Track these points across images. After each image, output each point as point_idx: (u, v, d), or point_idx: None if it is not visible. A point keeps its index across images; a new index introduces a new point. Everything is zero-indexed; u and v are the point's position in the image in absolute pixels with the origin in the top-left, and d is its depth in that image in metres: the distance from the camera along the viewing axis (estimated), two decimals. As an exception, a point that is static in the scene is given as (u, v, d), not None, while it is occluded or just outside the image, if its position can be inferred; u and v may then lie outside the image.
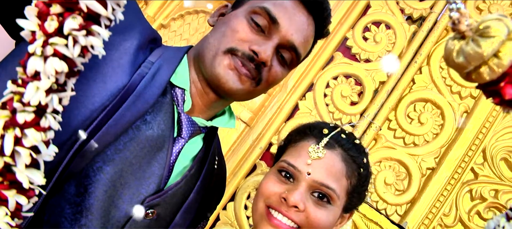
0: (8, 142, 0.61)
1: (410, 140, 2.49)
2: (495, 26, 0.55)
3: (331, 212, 1.04)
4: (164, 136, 1.03)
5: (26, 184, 0.63)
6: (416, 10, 2.70)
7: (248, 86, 1.11)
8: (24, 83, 0.62)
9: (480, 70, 0.57)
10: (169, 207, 1.06)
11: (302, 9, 1.13)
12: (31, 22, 0.62)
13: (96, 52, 0.66)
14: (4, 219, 0.62)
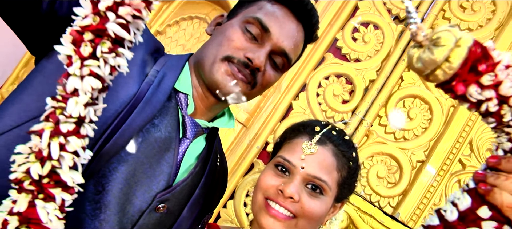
0: (54, 149, 0.71)
1: (400, 135, 2.56)
2: (445, 36, 0.65)
3: (323, 202, 1.13)
4: (171, 137, 1.12)
5: (70, 183, 0.74)
6: (402, 10, 2.77)
7: (244, 90, 1.20)
8: (64, 99, 0.72)
9: (436, 72, 0.66)
10: (178, 202, 1.15)
11: (292, 17, 1.23)
12: (67, 48, 0.72)
13: (122, 70, 0.76)
14: (54, 213, 0.72)
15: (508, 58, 0.64)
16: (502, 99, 0.66)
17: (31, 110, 0.94)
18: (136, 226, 1.07)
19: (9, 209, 0.71)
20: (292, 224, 1.11)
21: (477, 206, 0.69)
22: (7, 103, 0.99)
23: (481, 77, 0.64)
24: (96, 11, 0.70)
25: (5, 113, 0.96)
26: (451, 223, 0.70)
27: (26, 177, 0.72)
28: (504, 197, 0.66)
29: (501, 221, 0.67)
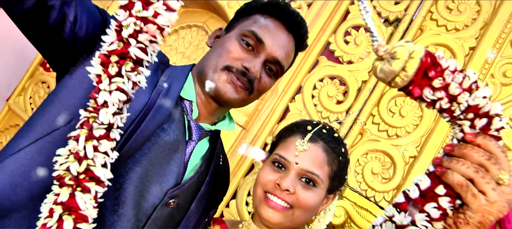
0: (89, 150, 0.86)
1: (392, 132, 2.66)
2: (400, 50, 0.78)
3: (316, 193, 1.25)
4: (179, 140, 1.25)
5: (102, 178, 0.90)
6: (392, 13, 2.89)
7: (243, 96, 1.33)
8: (96, 109, 0.86)
9: (395, 80, 0.79)
10: (186, 197, 1.28)
11: (283, 29, 1.36)
12: (97, 68, 0.87)
13: (141, 85, 0.91)
14: (90, 202, 0.88)
15: (454, 64, 0.77)
16: (451, 98, 0.78)
17: (59, 120, 1.07)
18: (150, 220, 1.19)
19: (54, 200, 0.87)
20: (289, 214, 1.24)
21: (435, 186, 0.82)
22: (38, 114, 1.12)
23: (432, 81, 0.77)
24: (120, 38, 0.86)
25: (36, 123, 1.09)
26: (414, 200, 0.83)
27: (67, 174, 0.87)
28: (455, 177, 0.79)
29: (454, 197, 0.80)
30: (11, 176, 1.04)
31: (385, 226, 0.86)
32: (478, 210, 0.78)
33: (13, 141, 1.10)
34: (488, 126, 0.80)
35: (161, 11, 0.85)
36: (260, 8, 1.38)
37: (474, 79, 0.78)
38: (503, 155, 0.79)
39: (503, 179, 0.77)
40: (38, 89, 3.68)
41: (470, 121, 0.81)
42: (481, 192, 0.78)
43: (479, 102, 0.78)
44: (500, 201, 0.77)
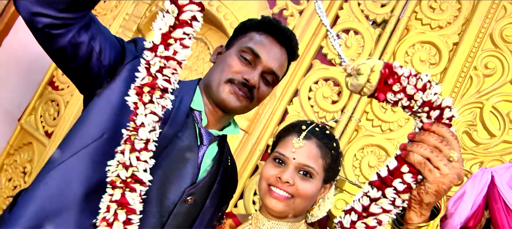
0: (133, 160, 1.09)
1: (386, 127, 2.85)
2: (363, 67, 0.97)
3: (313, 184, 1.44)
4: (192, 145, 1.43)
5: (145, 180, 1.13)
6: (379, 15, 3.09)
7: (245, 104, 1.52)
8: (136, 129, 1.09)
9: (363, 90, 0.98)
10: (201, 195, 1.46)
11: (276, 43, 1.54)
12: (134, 98, 1.10)
13: (168, 107, 1.14)
14: (136, 199, 1.12)
15: (408, 71, 0.96)
16: (409, 97, 0.98)
17: (93, 135, 1.27)
18: (171, 215, 1.39)
19: (109, 199, 1.11)
20: (291, 202, 1.42)
21: (401, 166, 1.01)
22: (74, 131, 1.31)
23: (392, 87, 0.96)
24: (149, 74, 1.08)
25: (75, 138, 1.29)
26: (384, 178, 1.03)
27: (117, 179, 1.11)
28: (415, 157, 0.98)
29: (415, 173, 0.99)
30: (58, 184, 1.24)
31: (362, 200, 1.06)
32: (434, 182, 0.97)
33: (55, 155, 1.29)
34: (440, 116, 0.99)
35: (178, 50, 1.06)
36: (255, 26, 1.57)
37: (426, 80, 0.97)
38: (453, 138, 0.98)
39: (453, 156, 0.96)
40: (48, 108, 3.86)
41: (426, 114, 1.00)
42: (436, 167, 0.97)
43: (431, 98, 0.97)
44: (451, 173, 0.96)
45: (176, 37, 1.07)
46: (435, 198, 0.99)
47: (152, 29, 1.09)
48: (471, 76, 2.76)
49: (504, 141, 2.60)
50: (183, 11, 1.05)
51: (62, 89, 3.85)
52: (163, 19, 1.07)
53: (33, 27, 1.16)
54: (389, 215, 1.04)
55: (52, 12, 1.12)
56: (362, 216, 1.07)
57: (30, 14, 1.13)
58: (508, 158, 2.56)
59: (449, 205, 2.57)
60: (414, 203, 1.02)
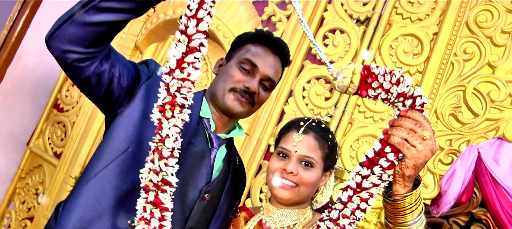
0: (162, 166, 1.28)
1: (377, 117, 3.04)
2: (346, 71, 1.16)
3: (314, 172, 1.62)
4: (204, 149, 1.62)
5: (173, 182, 1.31)
6: (362, 13, 3.29)
7: (247, 109, 1.71)
8: (161, 140, 1.27)
9: (348, 90, 1.17)
10: (216, 192, 1.65)
11: (270, 53, 1.73)
12: (158, 115, 1.28)
13: (186, 120, 1.32)
14: (168, 198, 1.31)
15: (383, 70, 1.15)
16: (386, 91, 1.17)
17: (119, 149, 1.47)
18: (192, 211, 1.58)
19: (144, 201, 1.29)
20: (296, 190, 1.60)
21: (384, 147, 1.20)
22: (103, 147, 1.50)
23: (371, 84, 1.16)
24: (169, 94, 1.27)
25: (104, 153, 1.48)
26: (372, 158, 1.22)
27: (150, 183, 1.29)
28: (395, 139, 1.17)
29: (396, 152, 1.18)
30: (94, 194, 1.44)
31: (355, 178, 1.25)
32: (412, 157, 1.16)
33: (88, 169, 1.49)
34: (413, 104, 1.18)
35: (191, 72, 1.25)
36: (250, 39, 1.76)
37: (399, 76, 1.16)
38: (425, 121, 1.17)
39: (426, 135, 1.15)
40: (55, 130, 4.03)
41: (401, 103, 1.19)
42: (413, 146, 1.16)
43: (404, 90, 1.16)
44: (425, 149, 1.15)
45: (188, 61, 1.25)
46: (415, 171, 1.19)
47: (166, 55, 1.29)
48: (452, 62, 2.97)
49: (487, 119, 2.78)
50: (192, 39, 1.24)
51: (67, 110, 4.02)
52: (176, 48, 1.26)
53: (63, 62, 1.37)
54: (378, 188, 1.24)
55: (79, 48, 1.33)
56: (356, 191, 1.25)
57: (61, 51, 1.33)
58: (491, 134, 2.75)
59: (442, 183, 2.75)
60: (398, 177, 1.21)
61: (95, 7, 1.30)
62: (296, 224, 1.64)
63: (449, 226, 3.30)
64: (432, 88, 2.96)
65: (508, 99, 2.78)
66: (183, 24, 1.24)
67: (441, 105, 2.94)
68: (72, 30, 1.31)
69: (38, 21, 4.07)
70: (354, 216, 1.27)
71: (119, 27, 1.39)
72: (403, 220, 1.23)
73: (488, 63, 2.87)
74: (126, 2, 1.32)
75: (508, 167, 2.69)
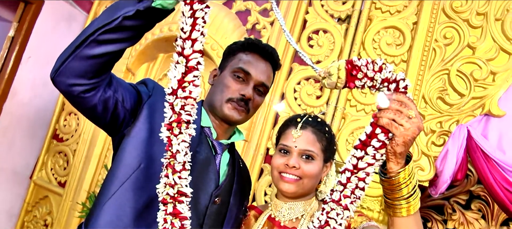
0: (177, 179, 1.36)
1: (369, 109, 3.16)
2: (332, 69, 1.25)
3: (315, 164, 1.70)
4: (209, 156, 1.71)
5: (188, 193, 1.39)
6: (342, 12, 3.44)
7: (244, 115, 1.79)
8: (173, 156, 1.35)
9: (337, 85, 1.26)
10: (225, 194, 1.74)
11: (261, 59, 1.82)
12: (166, 133, 1.36)
13: (193, 134, 1.39)
14: (186, 208, 1.38)
15: (365, 61, 1.25)
16: (371, 79, 1.27)
17: (132, 166, 1.56)
18: (206, 215, 1.66)
19: (164, 213, 1.38)
20: (300, 183, 1.69)
21: (375, 129, 1.30)
22: (115, 167, 1.58)
23: (356, 76, 1.26)
24: (174, 112, 1.35)
25: (118, 172, 1.56)
26: (364, 141, 1.32)
27: (167, 196, 1.37)
28: (384, 120, 1.26)
29: (386, 132, 1.27)
30: (114, 211, 1.53)
31: (351, 160, 1.34)
32: (401, 135, 1.25)
33: (105, 190, 1.58)
34: (397, 87, 1.27)
35: (192, 89, 1.34)
36: (240, 48, 1.85)
37: (381, 63, 1.26)
38: (409, 101, 1.26)
39: (411, 114, 1.24)
40: (57, 160, 4.12)
41: (386, 88, 1.28)
42: (400, 125, 1.25)
43: (387, 75, 1.25)
44: (412, 127, 1.24)
45: (188, 80, 1.34)
46: (405, 148, 1.28)
47: (167, 77, 1.37)
48: (434, 48, 3.10)
49: (472, 98, 2.91)
50: (189, 59, 1.32)
51: (67, 139, 4.11)
52: (175, 69, 1.34)
53: (69, 95, 1.46)
54: (373, 167, 1.33)
55: (84, 81, 1.42)
56: (353, 172, 1.34)
57: (67, 86, 1.42)
58: (478, 112, 2.88)
59: (437, 164, 2.87)
60: (390, 155, 1.30)
61: (95, 40, 1.38)
62: (304, 214, 1.73)
63: (451, 206, 3.42)
64: (417, 75, 3.08)
65: (490, 76, 2.91)
66: (179, 46, 1.33)
67: (428, 90, 3.06)
68: (75, 65, 1.39)
69: (28, 55, 4.15)
70: (354, 195, 1.35)
71: (118, 56, 1.47)
72: (400, 194, 1.32)
73: (468, 45, 3.01)
74: (123, 32, 1.40)
75: (497, 140, 2.82)
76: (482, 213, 3.37)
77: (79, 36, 1.42)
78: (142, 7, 1.36)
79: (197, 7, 1.30)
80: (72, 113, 4.16)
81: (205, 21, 1.32)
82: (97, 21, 1.41)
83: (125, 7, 1.38)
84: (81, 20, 4.54)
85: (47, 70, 4.37)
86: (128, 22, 1.38)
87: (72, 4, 4.42)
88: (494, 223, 3.30)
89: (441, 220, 3.45)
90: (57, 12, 4.33)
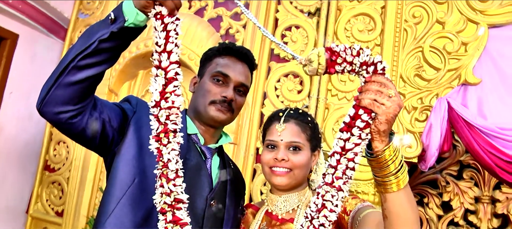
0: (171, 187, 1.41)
1: (350, 96, 3.25)
2: (312, 56, 1.30)
3: (303, 154, 1.76)
4: (199, 161, 1.75)
5: (185, 200, 1.44)
6: (311, 6, 3.54)
7: (229, 115, 1.84)
8: (165, 165, 1.40)
9: (318, 71, 1.31)
10: (221, 196, 1.79)
11: (237, 61, 1.88)
12: (155, 144, 1.40)
13: (182, 143, 1.44)
14: (185, 214, 1.43)
15: (343, 46, 1.29)
16: (350, 63, 1.32)
17: (127, 182, 1.60)
18: (204, 219, 1.70)
19: (164, 222, 1.42)
20: (291, 174, 1.74)
21: (357, 110, 1.35)
22: (111, 186, 1.62)
23: (336, 61, 1.31)
24: (160, 123, 1.40)
25: (115, 190, 1.60)
26: (349, 123, 1.37)
27: (165, 205, 1.41)
28: (365, 101, 1.31)
29: (369, 112, 1.32)
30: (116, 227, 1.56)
31: (339, 143, 1.39)
32: (383, 114, 1.29)
33: (103, 209, 1.61)
34: (375, 70, 1.32)
35: (174, 99, 1.39)
36: (216, 53, 1.90)
37: (358, 48, 1.31)
38: (388, 81, 1.31)
39: (391, 93, 1.28)
40: (52, 190, 4.13)
41: (365, 71, 1.33)
42: (382, 104, 1.30)
43: (365, 59, 1.30)
44: (393, 105, 1.29)
45: (169, 91, 1.38)
46: (388, 125, 1.33)
47: (149, 91, 1.42)
48: (405, 28, 3.21)
49: (448, 70, 3.01)
50: (168, 71, 1.37)
51: (59, 168, 4.12)
52: (156, 82, 1.39)
53: (57, 123, 1.50)
54: (360, 147, 1.37)
55: (70, 107, 1.46)
56: (342, 154, 1.38)
57: (54, 114, 1.46)
58: (455, 83, 2.98)
59: (423, 139, 2.96)
60: (374, 134, 1.35)
61: (75, 67, 1.42)
62: (299, 205, 1.79)
63: (444, 179, 3.51)
64: (392, 56, 3.17)
65: (462, 47, 3.02)
66: (156, 60, 1.38)
67: (405, 69, 3.16)
68: (59, 93, 1.44)
69: (10, 91, 4.16)
70: (346, 176, 1.40)
71: (100, 78, 1.52)
72: (388, 171, 1.37)
73: (437, 20, 3.12)
74: (101, 55, 1.45)
75: (477, 108, 2.91)
76: (474, 180, 3.48)
77: (59, 64, 1.46)
78: (116, 28, 1.41)
79: (168, 20, 1.36)
80: (61, 142, 4.17)
81: (177, 32, 1.37)
82: (75, 47, 1.45)
83: (100, 30, 1.43)
84: (57, 49, 4.56)
85: (31, 102, 4.35)
86: (105, 44, 1.42)
87: (47, 34, 4.44)
88: (487, 189, 3.41)
89: (436, 194, 3.56)
90: (33, 44, 4.34)
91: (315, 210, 1.44)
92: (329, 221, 1.43)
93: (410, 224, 1.39)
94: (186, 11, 3.92)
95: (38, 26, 4.30)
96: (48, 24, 4.40)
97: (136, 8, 1.40)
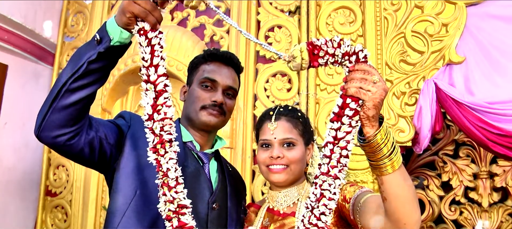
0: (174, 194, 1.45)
1: (338, 89, 3.23)
2: (294, 52, 1.33)
3: (298, 149, 1.80)
4: (198, 167, 1.80)
5: (188, 204, 1.47)
6: (291, 4, 3.61)
7: (222, 118, 1.88)
8: (165, 175, 1.44)
9: (302, 66, 1.34)
10: (222, 199, 1.83)
11: (224, 66, 1.93)
12: (153, 156, 1.44)
13: (178, 151, 1.48)
14: (190, 218, 1.48)
15: (323, 40, 1.34)
16: (332, 55, 1.35)
17: (130, 195, 1.65)
18: (208, 222, 1.74)
19: (171, 227, 1.46)
20: (288, 170, 1.79)
21: (345, 99, 1.38)
22: (115, 200, 1.67)
23: (318, 54, 1.35)
24: (156, 135, 1.44)
25: (118, 204, 1.65)
26: (338, 112, 1.39)
27: (170, 212, 1.45)
28: (352, 89, 1.34)
29: (356, 100, 1.35)
30: None
31: (330, 133, 1.42)
32: (369, 100, 1.33)
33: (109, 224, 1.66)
34: (358, 59, 1.36)
35: (166, 110, 1.42)
36: (202, 60, 1.95)
37: (338, 40, 1.34)
38: (371, 68, 1.34)
39: (375, 79, 1.32)
40: (56, 214, 4.14)
41: (348, 61, 1.37)
42: (368, 91, 1.33)
43: (346, 49, 1.34)
44: (378, 91, 1.32)
45: (160, 103, 1.43)
46: (376, 110, 1.36)
47: (141, 105, 1.45)
48: (385, 16, 3.27)
49: (432, 52, 3.08)
50: (157, 84, 1.41)
51: (61, 192, 4.14)
52: (147, 96, 1.43)
53: (56, 147, 1.54)
54: (351, 134, 1.41)
55: (66, 129, 1.50)
56: (334, 143, 1.42)
57: (52, 138, 1.50)
58: (440, 64, 3.05)
59: (414, 122, 3.02)
60: (364, 120, 1.39)
61: (67, 90, 1.46)
62: (299, 198, 1.84)
63: (441, 159, 3.57)
64: (376, 45, 3.24)
65: (443, 28, 3.09)
66: (144, 75, 1.42)
67: (389, 56, 3.22)
68: (55, 117, 1.48)
69: (4, 121, 4.17)
70: (340, 164, 1.43)
71: (92, 98, 1.56)
72: (381, 154, 1.40)
73: (415, 5, 3.20)
74: (91, 76, 1.49)
75: (464, 85, 2.97)
76: (470, 157, 3.55)
77: (52, 90, 1.50)
78: (103, 48, 1.45)
79: (152, 35, 1.40)
80: (60, 166, 4.19)
81: (162, 46, 1.42)
82: (65, 72, 1.49)
83: (87, 52, 1.47)
84: (47, 74, 4.58)
85: (26, 131, 4.35)
86: (93, 65, 1.46)
87: (36, 61, 4.46)
88: (484, 164, 3.48)
89: (435, 175, 3.62)
90: (22, 72, 4.36)
91: (314, 200, 1.47)
92: (329, 209, 1.46)
93: (409, 201, 1.43)
94: (169, 23, 3.96)
95: (26, 54, 4.32)
96: (36, 51, 4.41)
97: (119, 26, 1.43)
